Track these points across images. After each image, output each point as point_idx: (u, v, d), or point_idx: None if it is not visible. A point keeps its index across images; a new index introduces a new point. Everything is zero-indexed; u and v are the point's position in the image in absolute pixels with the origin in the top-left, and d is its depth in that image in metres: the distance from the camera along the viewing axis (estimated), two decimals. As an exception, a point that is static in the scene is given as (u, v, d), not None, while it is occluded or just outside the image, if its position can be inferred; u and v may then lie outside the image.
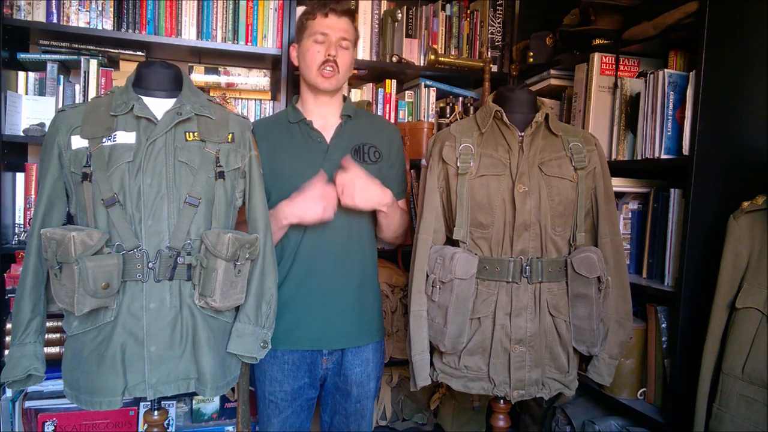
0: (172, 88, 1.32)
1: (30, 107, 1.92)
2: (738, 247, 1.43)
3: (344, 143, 1.53)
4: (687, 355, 1.53)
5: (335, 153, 1.51)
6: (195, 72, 2.11)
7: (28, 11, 1.87)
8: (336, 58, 1.49)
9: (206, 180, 1.27)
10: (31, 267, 1.25)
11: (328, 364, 1.54)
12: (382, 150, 1.57)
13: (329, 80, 1.50)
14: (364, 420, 1.58)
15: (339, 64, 1.50)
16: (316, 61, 1.49)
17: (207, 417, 2.10)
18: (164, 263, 1.22)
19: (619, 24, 1.82)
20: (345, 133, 1.55)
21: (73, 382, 1.25)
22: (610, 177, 1.48)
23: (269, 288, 1.37)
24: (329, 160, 1.50)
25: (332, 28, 1.50)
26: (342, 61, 1.51)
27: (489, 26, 2.34)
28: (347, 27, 1.53)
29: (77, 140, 1.23)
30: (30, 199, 1.93)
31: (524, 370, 1.41)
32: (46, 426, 1.88)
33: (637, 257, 1.80)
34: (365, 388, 1.56)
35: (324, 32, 1.49)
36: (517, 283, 1.39)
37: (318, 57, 1.49)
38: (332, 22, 1.50)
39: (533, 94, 1.48)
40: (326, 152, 1.51)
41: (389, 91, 2.26)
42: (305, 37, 1.52)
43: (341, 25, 1.51)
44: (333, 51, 1.49)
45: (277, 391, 1.52)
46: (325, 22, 1.50)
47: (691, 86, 1.52)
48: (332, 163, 1.49)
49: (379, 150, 1.57)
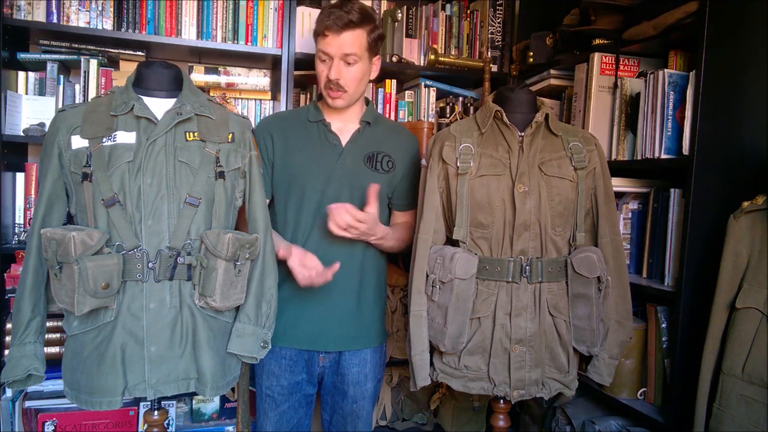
0: (172, 88, 1.32)
1: (30, 107, 1.92)
2: (738, 247, 1.43)
3: (358, 149, 1.52)
4: (687, 355, 1.53)
5: (348, 158, 1.50)
6: (195, 72, 2.11)
7: (28, 11, 1.87)
8: (339, 79, 1.44)
9: (206, 180, 1.27)
10: (31, 267, 1.25)
11: (326, 363, 1.54)
12: (396, 160, 1.56)
13: (335, 100, 1.48)
14: (360, 420, 1.57)
15: (344, 84, 1.45)
16: (321, 80, 1.48)
17: (207, 417, 2.10)
18: (164, 263, 1.22)
19: (619, 24, 1.82)
20: (361, 139, 1.53)
21: (73, 382, 1.25)
22: (610, 177, 1.48)
23: (269, 288, 1.37)
24: (341, 165, 1.50)
25: (331, 46, 1.43)
26: (348, 79, 1.46)
27: (489, 26, 2.34)
28: (351, 41, 1.43)
29: (77, 140, 1.23)
30: (30, 199, 1.93)
31: (524, 370, 1.41)
32: (46, 426, 1.88)
33: (637, 257, 1.80)
34: (362, 389, 1.56)
35: (325, 52, 1.45)
36: (517, 283, 1.39)
37: (322, 77, 1.47)
38: (331, 41, 1.43)
39: (533, 94, 1.48)
40: (340, 156, 1.51)
41: (389, 91, 2.26)
42: (316, 51, 1.49)
43: (341, 41, 1.43)
44: (333, 74, 1.44)
45: (274, 386, 1.52)
46: (325, 42, 1.44)
47: (691, 86, 1.52)
48: (344, 167, 1.49)
49: (393, 160, 1.55)
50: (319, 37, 1.46)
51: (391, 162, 1.55)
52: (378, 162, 1.53)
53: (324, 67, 1.47)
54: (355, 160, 1.50)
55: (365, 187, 1.46)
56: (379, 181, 1.50)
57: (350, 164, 1.49)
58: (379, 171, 1.53)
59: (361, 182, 1.49)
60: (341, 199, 1.47)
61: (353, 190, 1.50)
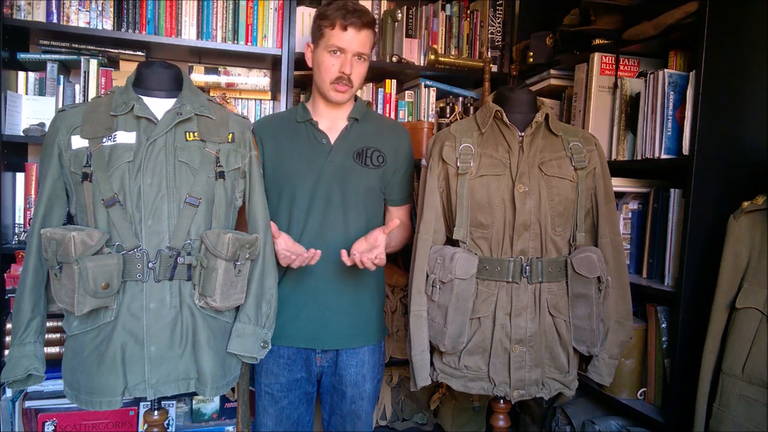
0: (172, 88, 1.32)
1: (30, 107, 1.92)
2: (738, 247, 1.43)
3: (347, 146, 1.52)
4: (687, 355, 1.53)
5: (338, 155, 1.50)
6: (195, 72, 2.11)
7: (28, 11, 1.87)
8: (351, 74, 1.45)
9: (206, 180, 1.27)
10: (31, 267, 1.25)
11: (323, 362, 1.54)
12: (386, 155, 1.54)
13: (342, 94, 1.48)
14: (360, 421, 1.57)
15: (353, 78, 1.46)
16: (330, 75, 1.46)
17: (207, 417, 2.10)
18: (164, 263, 1.22)
19: (619, 24, 1.82)
20: (350, 136, 1.53)
21: (73, 382, 1.25)
22: (610, 177, 1.48)
23: (269, 288, 1.37)
24: (331, 162, 1.49)
25: (350, 42, 1.43)
26: (356, 75, 1.46)
27: (489, 26, 2.34)
28: (365, 40, 1.45)
29: (77, 140, 1.23)
30: (30, 199, 1.93)
31: (524, 370, 1.41)
32: (46, 426, 1.88)
33: (637, 257, 1.80)
34: (360, 389, 1.55)
35: (340, 47, 1.43)
36: (517, 283, 1.39)
37: (332, 70, 1.45)
38: (350, 36, 1.43)
39: (533, 94, 1.48)
40: (329, 154, 1.50)
41: (389, 91, 2.26)
42: (321, 45, 1.47)
43: (360, 38, 1.44)
44: (348, 69, 1.44)
45: (273, 383, 1.52)
46: (343, 36, 1.43)
47: (691, 86, 1.52)
48: (333, 165, 1.49)
49: (383, 154, 1.54)
50: (334, 30, 1.43)
51: (381, 157, 1.54)
52: (368, 157, 1.52)
53: (335, 61, 1.45)
54: (345, 157, 1.50)
55: (356, 184, 1.47)
56: (369, 176, 1.49)
57: (340, 161, 1.49)
58: (369, 166, 1.51)
59: (352, 179, 1.49)
60: (332, 196, 1.47)
61: (344, 187, 1.49)
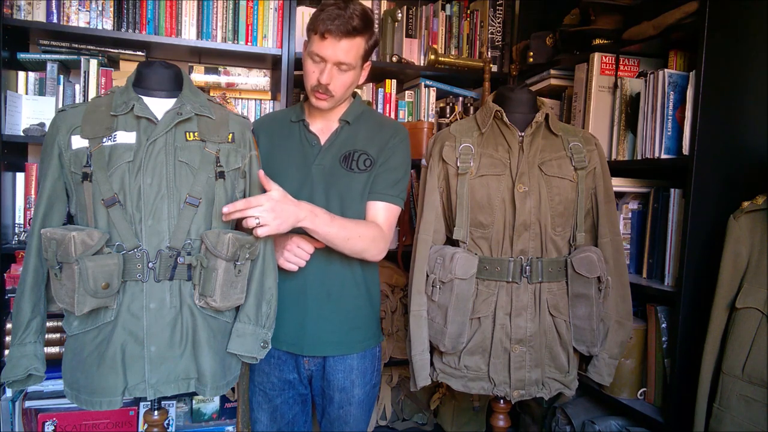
0: (172, 88, 1.32)
1: (30, 107, 1.92)
2: (738, 247, 1.43)
3: (335, 150, 1.47)
4: (687, 355, 1.53)
5: (325, 158, 1.46)
6: (195, 72, 2.11)
7: (28, 11, 1.87)
8: (329, 84, 1.38)
9: (206, 180, 1.27)
10: (31, 267, 1.25)
11: (311, 366, 1.50)
12: (375, 157, 1.47)
13: (323, 102, 1.42)
14: (348, 426, 1.53)
15: (333, 89, 1.39)
16: (310, 81, 1.41)
17: (207, 417, 2.10)
18: (164, 263, 1.22)
19: (619, 24, 1.82)
20: (339, 139, 1.48)
21: (73, 382, 1.25)
22: (610, 177, 1.48)
23: (269, 288, 1.37)
24: (319, 165, 1.45)
25: (328, 51, 1.36)
26: (337, 85, 1.40)
27: (489, 26, 2.34)
28: (348, 49, 1.36)
29: (77, 140, 1.23)
30: (30, 199, 1.93)
31: (524, 370, 1.41)
32: (46, 426, 1.88)
33: (637, 257, 1.80)
34: (348, 395, 1.51)
35: (320, 54, 1.37)
36: (517, 282, 1.39)
37: (312, 78, 1.40)
38: (328, 45, 1.35)
39: (533, 94, 1.48)
40: (317, 156, 1.46)
41: (389, 91, 2.26)
42: (306, 50, 1.43)
43: (341, 48, 1.36)
44: (325, 78, 1.37)
45: (265, 382, 1.51)
46: (322, 45, 1.36)
47: (691, 86, 1.52)
48: (321, 168, 1.45)
49: (371, 157, 1.47)
50: (315, 36, 1.38)
51: (369, 160, 1.47)
52: (354, 161, 1.46)
53: (315, 68, 1.40)
54: (332, 161, 1.46)
55: (340, 188, 1.42)
56: (355, 180, 1.44)
57: (327, 165, 1.45)
58: (354, 171, 1.46)
59: (337, 183, 1.44)
60: (315, 199, 1.41)
61: (329, 190, 1.44)
